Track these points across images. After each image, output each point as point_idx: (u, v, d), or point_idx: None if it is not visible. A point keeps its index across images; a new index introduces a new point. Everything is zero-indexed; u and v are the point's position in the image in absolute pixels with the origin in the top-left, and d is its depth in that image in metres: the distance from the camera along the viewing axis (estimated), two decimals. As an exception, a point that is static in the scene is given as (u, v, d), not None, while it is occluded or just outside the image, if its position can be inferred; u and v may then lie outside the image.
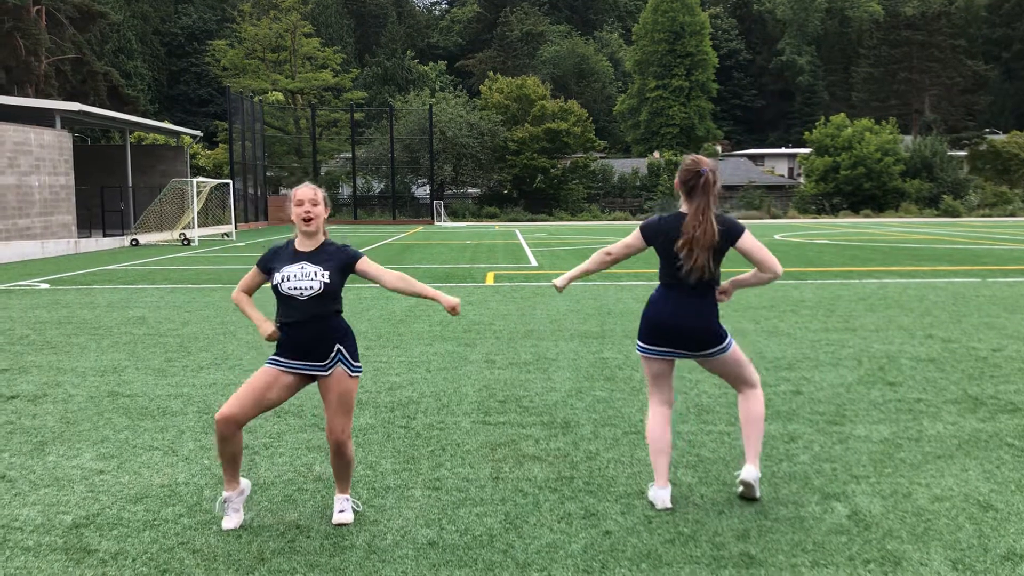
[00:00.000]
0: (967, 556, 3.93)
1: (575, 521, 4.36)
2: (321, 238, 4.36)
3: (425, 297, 4.36)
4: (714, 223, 4.39)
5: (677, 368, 6.11)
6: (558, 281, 4.87)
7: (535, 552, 4.00)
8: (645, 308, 4.66)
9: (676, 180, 4.54)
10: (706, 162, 4.47)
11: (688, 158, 4.56)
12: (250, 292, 4.49)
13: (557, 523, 4.34)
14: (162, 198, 32.97)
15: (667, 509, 4.49)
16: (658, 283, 4.66)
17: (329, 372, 4.27)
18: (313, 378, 4.33)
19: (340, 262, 4.29)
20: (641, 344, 4.65)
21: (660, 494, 4.53)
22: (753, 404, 4.64)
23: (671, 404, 4.73)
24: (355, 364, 4.33)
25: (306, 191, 4.30)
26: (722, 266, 4.56)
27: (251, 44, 62.74)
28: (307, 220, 4.28)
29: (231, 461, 4.29)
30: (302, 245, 4.33)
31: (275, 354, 4.33)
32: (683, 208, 4.52)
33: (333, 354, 4.27)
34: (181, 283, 16.22)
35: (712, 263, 4.45)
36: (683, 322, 4.49)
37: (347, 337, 4.32)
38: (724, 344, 4.57)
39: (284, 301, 4.26)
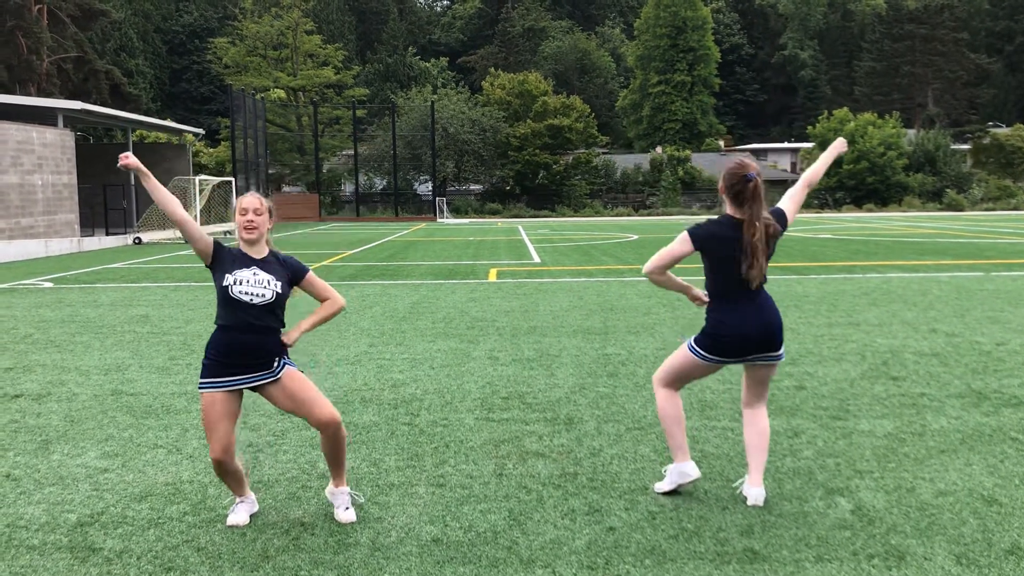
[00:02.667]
0: (971, 550, 3.93)
1: (579, 517, 4.36)
2: (266, 248, 4.35)
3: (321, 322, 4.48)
4: (767, 228, 4.41)
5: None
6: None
7: (539, 548, 4.00)
8: (716, 324, 4.48)
9: (720, 184, 4.47)
10: (752, 166, 4.42)
11: (733, 162, 4.47)
12: (200, 236, 4.29)
13: (561, 519, 4.34)
14: (165, 196, 32.93)
15: (695, 480, 4.58)
16: (715, 297, 4.52)
17: (279, 376, 4.26)
18: (253, 389, 4.28)
19: (289, 274, 4.31)
20: (707, 355, 4.53)
21: (687, 467, 4.57)
22: (762, 421, 4.62)
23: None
24: (294, 361, 4.38)
25: (251, 200, 4.29)
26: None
27: (253, 41, 62.73)
28: (249, 229, 4.25)
29: (237, 483, 4.35)
30: (251, 252, 4.31)
31: (209, 376, 4.21)
32: (730, 212, 4.46)
33: (278, 361, 4.26)
34: (184, 281, 16.24)
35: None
36: (771, 324, 4.46)
37: (284, 352, 4.32)
38: (783, 349, 4.60)
39: (232, 304, 4.19)
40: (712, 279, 4.52)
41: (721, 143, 76.09)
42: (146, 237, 30.69)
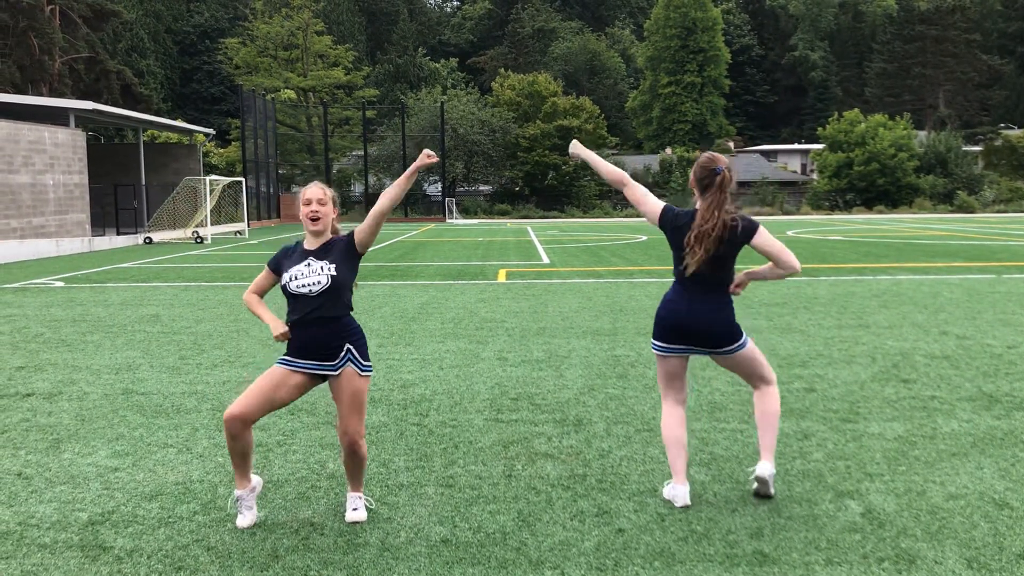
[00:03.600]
0: (982, 554, 3.91)
1: (588, 519, 4.36)
2: (328, 236, 4.37)
3: (406, 180, 4.34)
4: (725, 220, 4.38)
5: (690, 366, 6.10)
6: (574, 148, 5.18)
7: (548, 550, 4.00)
8: (659, 306, 4.66)
9: (691, 177, 4.54)
10: (722, 160, 4.47)
11: (704, 155, 4.54)
12: (262, 293, 4.51)
13: (570, 521, 4.34)
14: (175, 196, 33.11)
15: (685, 507, 4.48)
16: (673, 281, 4.67)
17: (339, 372, 4.27)
18: (323, 378, 4.33)
19: (342, 250, 4.31)
20: (656, 343, 4.65)
21: (679, 491, 4.53)
22: (768, 401, 4.64)
23: (685, 402, 4.72)
24: (365, 363, 4.32)
25: (315, 191, 4.32)
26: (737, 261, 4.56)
27: (263, 42, 62.87)
28: (314, 219, 4.29)
29: (241, 458, 4.30)
30: (309, 244, 4.36)
31: (285, 354, 4.34)
32: (697, 205, 4.51)
33: (343, 354, 4.26)
34: (194, 281, 16.29)
35: (725, 261, 4.45)
36: (698, 318, 4.49)
37: (357, 337, 4.32)
38: (740, 342, 4.56)
39: (294, 299, 4.27)
40: (674, 264, 4.61)
41: (731, 144, 75.93)
42: (157, 237, 30.80)
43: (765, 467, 4.55)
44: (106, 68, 54.10)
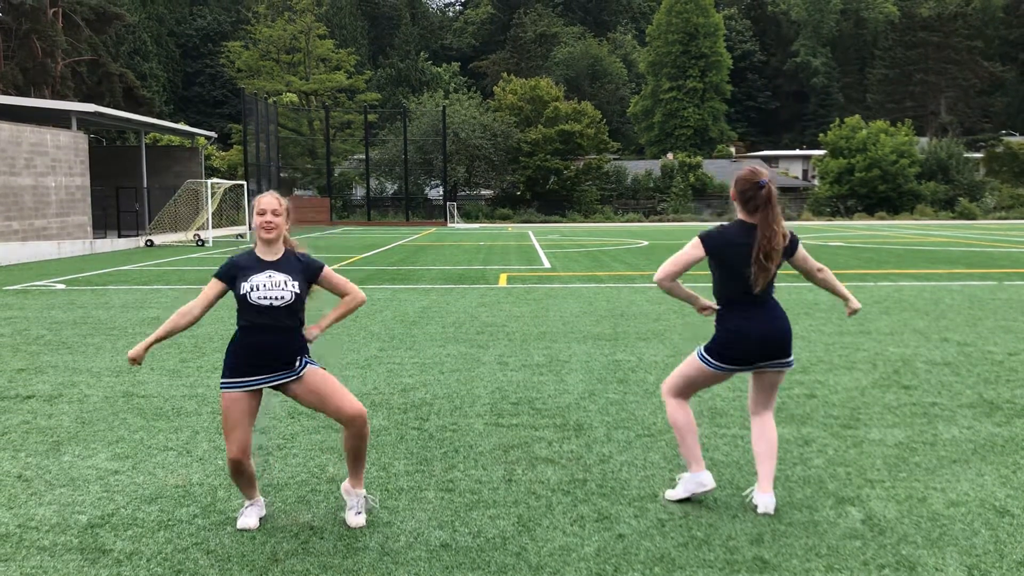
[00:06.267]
0: (983, 562, 3.90)
1: (588, 524, 4.35)
2: (283, 247, 4.35)
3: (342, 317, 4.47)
4: (784, 231, 4.42)
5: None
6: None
7: (548, 555, 3.99)
8: (724, 333, 4.50)
9: (732, 191, 4.50)
10: (764, 173, 4.45)
11: (745, 169, 4.50)
12: (208, 307, 4.37)
13: (570, 526, 4.33)
14: (177, 199, 33.14)
15: (710, 490, 4.58)
16: (725, 304, 4.53)
17: (301, 374, 4.26)
18: (276, 388, 4.30)
19: (303, 272, 4.30)
20: (715, 363, 4.54)
21: (705, 477, 4.57)
22: (769, 430, 4.61)
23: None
24: (316, 361, 4.38)
25: (269, 200, 4.31)
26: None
27: (265, 46, 62.99)
28: (268, 228, 4.27)
29: (249, 483, 4.36)
30: (264, 254, 4.31)
31: (230, 376, 4.25)
32: (742, 217, 4.47)
33: (299, 361, 4.27)
34: (195, 284, 16.29)
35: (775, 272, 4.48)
36: (778, 327, 4.48)
37: (305, 350, 4.32)
38: (793, 355, 4.61)
39: (252, 310, 4.22)
40: (722, 286, 4.53)
41: (732, 150, 75.98)
42: (158, 239, 30.82)
43: (768, 501, 4.48)
44: (108, 71, 54.18)
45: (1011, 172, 57.81)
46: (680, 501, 4.63)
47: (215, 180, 34.22)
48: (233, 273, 4.28)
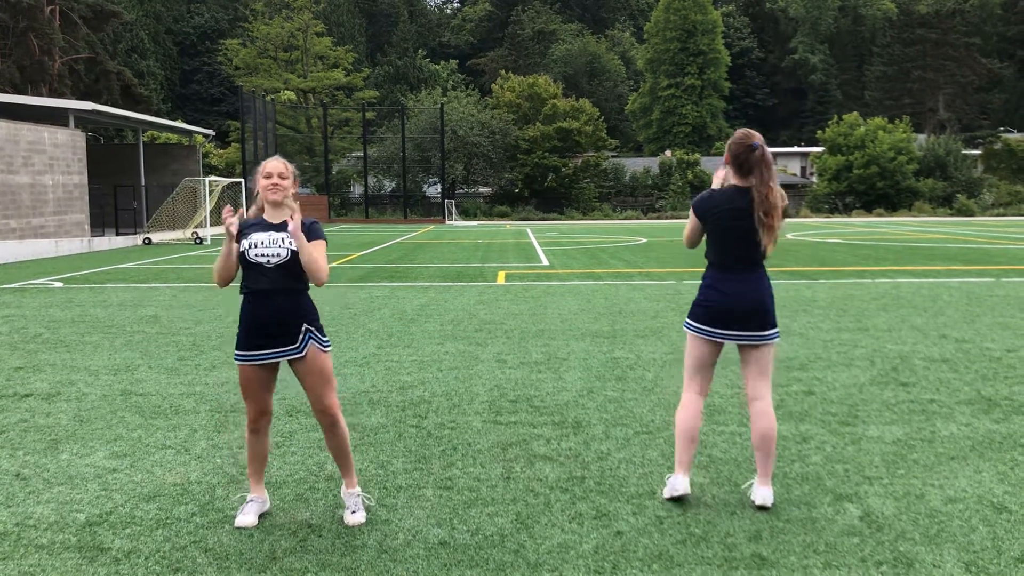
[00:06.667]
0: (980, 558, 3.91)
1: (586, 521, 4.36)
2: (287, 210, 4.35)
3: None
4: (781, 190, 4.41)
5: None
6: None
7: (546, 552, 4.00)
8: (702, 293, 4.58)
9: (725, 155, 4.51)
10: (756, 136, 4.46)
11: (738, 132, 4.51)
12: (231, 258, 4.28)
13: (568, 523, 4.33)
14: (174, 197, 33.11)
15: (680, 497, 4.49)
16: (708, 266, 4.61)
17: (304, 353, 4.28)
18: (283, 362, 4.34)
19: (304, 233, 4.25)
20: (695, 324, 4.58)
21: (679, 481, 4.52)
22: (767, 421, 4.56)
23: (705, 394, 4.70)
24: (324, 340, 4.34)
25: (275, 164, 4.32)
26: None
27: (263, 43, 62.92)
28: (274, 190, 4.27)
29: (260, 462, 4.38)
30: (270, 216, 4.34)
31: (240, 348, 4.28)
32: (735, 182, 4.47)
33: (302, 335, 4.26)
34: (193, 282, 16.28)
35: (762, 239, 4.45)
36: (752, 296, 4.47)
37: (313, 316, 4.32)
38: (776, 330, 4.59)
39: (251, 268, 4.23)
40: (711, 249, 4.58)
41: (731, 147, 75.88)
42: (156, 237, 30.80)
43: (766, 495, 4.48)
44: (106, 69, 54.11)
45: (1009, 169, 57.84)
46: (674, 499, 4.61)
47: (213, 178, 34.19)
48: (241, 231, 4.32)
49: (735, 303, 4.48)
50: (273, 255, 4.20)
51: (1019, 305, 12.07)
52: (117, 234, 30.44)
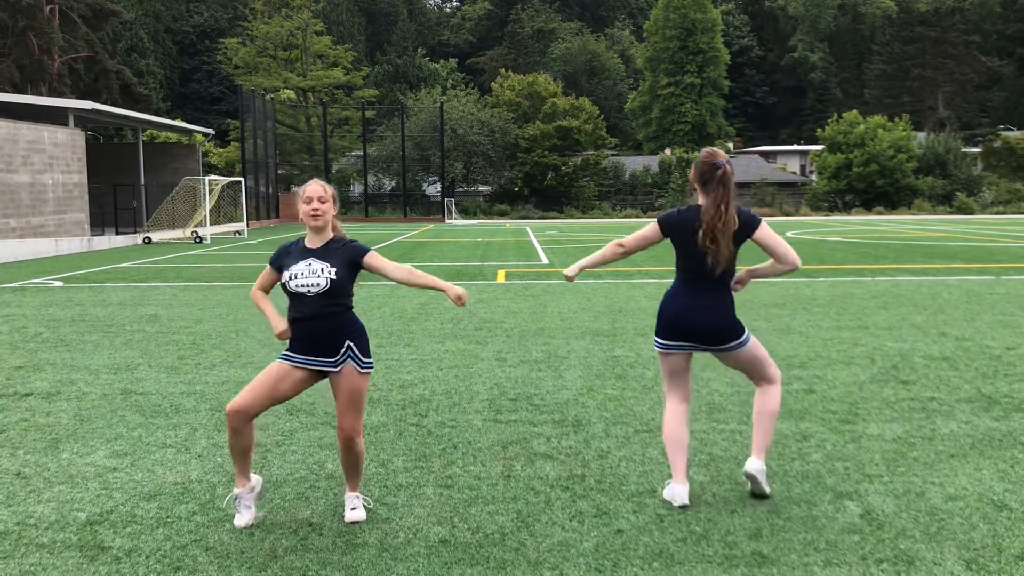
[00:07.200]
0: (981, 556, 3.91)
1: (587, 519, 4.36)
2: (329, 234, 4.38)
3: (432, 288, 4.36)
4: (734, 213, 4.39)
5: (693, 365, 6.09)
6: (568, 270, 4.92)
7: (547, 550, 4.00)
8: (661, 302, 4.69)
9: (691, 174, 4.56)
10: (722, 155, 4.50)
11: (704, 151, 4.58)
12: (266, 290, 4.56)
13: (569, 521, 4.34)
14: (174, 196, 33.10)
15: (684, 506, 4.48)
16: (675, 277, 4.70)
17: (339, 368, 4.29)
18: (324, 374, 4.35)
19: (347, 257, 4.30)
20: (658, 340, 4.67)
21: (677, 491, 4.53)
22: (768, 399, 4.66)
23: (687, 400, 4.73)
24: (365, 360, 4.33)
25: (315, 188, 4.34)
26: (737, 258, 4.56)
27: (263, 42, 62.86)
28: (315, 216, 4.30)
29: (242, 456, 4.32)
30: (311, 242, 4.38)
31: (287, 349, 4.37)
32: (700, 201, 4.52)
33: (343, 350, 4.28)
34: (193, 281, 16.28)
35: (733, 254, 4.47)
36: (700, 316, 4.51)
37: (357, 333, 4.33)
38: (741, 339, 4.58)
39: (293, 298, 4.31)
40: (677, 261, 4.66)
41: (730, 145, 75.97)
42: (156, 237, 30.79)
43: (754, 463, 4.56)
44: (105, 68, 54.06)
45: (1008, 167, 57.85)
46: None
47: (213, 177, 34.18)
48: (281, 260, 4.39)
49: (683, 319, 4.54)
50: (313, 284, 4.24)
51: (1019, 303, 12.07)
52: (117, 233, 30.42)
